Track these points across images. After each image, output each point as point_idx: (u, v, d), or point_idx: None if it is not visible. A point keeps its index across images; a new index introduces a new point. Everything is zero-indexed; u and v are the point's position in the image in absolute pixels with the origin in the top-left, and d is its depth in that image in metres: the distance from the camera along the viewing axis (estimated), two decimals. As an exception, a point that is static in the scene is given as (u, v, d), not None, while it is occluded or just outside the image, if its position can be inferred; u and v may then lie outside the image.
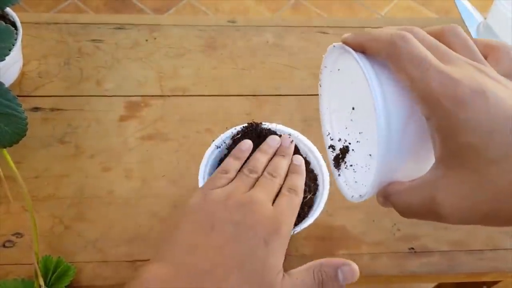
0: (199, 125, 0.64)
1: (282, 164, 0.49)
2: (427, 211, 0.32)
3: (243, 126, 0.56)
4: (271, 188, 0.46)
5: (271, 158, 0.51)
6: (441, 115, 0.30)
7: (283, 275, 0.41)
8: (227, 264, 0.40)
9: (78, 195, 0.57)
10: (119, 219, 0.56)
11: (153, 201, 0.57)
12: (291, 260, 0.54)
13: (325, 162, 0.55)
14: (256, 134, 0.55)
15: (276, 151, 0.51)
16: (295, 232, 0.50)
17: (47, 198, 0.57)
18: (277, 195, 0.46)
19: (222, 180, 0.47)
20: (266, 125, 0.56)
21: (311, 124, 0.64)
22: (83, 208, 0.56)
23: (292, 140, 0.52)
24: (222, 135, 0.55)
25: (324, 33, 0.74)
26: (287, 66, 0.70)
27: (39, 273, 0.48)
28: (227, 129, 0.57)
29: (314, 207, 0.52)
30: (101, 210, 0.56)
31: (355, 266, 0.41)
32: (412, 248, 0.56)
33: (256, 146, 0.55)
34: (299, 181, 0.49)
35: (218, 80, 0.68)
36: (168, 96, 0.66)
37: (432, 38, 0.33)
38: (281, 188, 0.47)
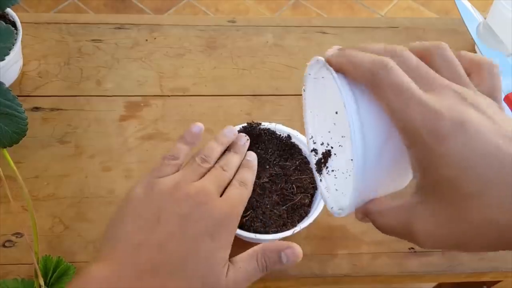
0: (199, 125, 0.64)
1: (234, 159, 0.49)
2: (403, 233, 0.33)
3: (242, 126, 0.56)
4: (222, 180, 0.46)
5: (225, 151, 0.50)
6: (421, 148, 0.30)
7: (228, 265, 0.41)
8: (171, 262, 0.39)
9: (78, 195, 0.57)
10: (119, 219, 0.56)
11: (153, 201, 0.57)
12: (291, 260, 0.54)
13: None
14: (255, 134, 0.55)
15: (230, 146, 0.51)
16: (294, 232, 0.50)
17: (47, 198, 0.57)
18: (225, 188, 0.46)
19: (170, 167, 0.46)
20: (266, 125, 0.56)
21: (311, 124, 0.64)
22: (83, 208, 0.56)
23: (248, 139, 0.52)
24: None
25: (324, 33, 0.74)
26: (287, 66, 0.70)
27: (39, 273, 0.48)
28: None
29: (314, 207, 0.52)
30: (101, 210, 0.56)
31: (297, 248, 0.43)
32: (412, 248, 0.56)
33: (255, 146, 0.55)
34: (250, 175, 0.49)
35: (218, 80, 0.68)
36: (168, 96, 0.66)
37: (415, 62, 0.32)
38: (231, 181, 0.47)
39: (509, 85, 0.61)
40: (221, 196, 0.44)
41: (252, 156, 0.51)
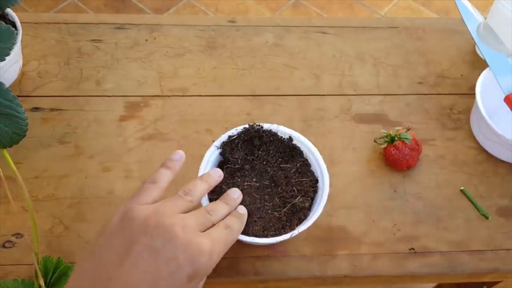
0: (199, 125, 0.64)
1: (223, 208, 0.47)
2: None
3: (244, 127, 0.55)
4: (204, 219, 0.43)
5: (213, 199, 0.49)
6: None
7: None
8: None
9: (78, 195, 0.57)
10: (119, 219, 0.55)
11: (153, 202, 0.57)
12: (291, 260, 0.54)
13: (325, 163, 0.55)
14: (257, 135, 0.55)
15: (222, 196, 0.49)
16: (293, 235, 0.50)
17: (47, 198, 0.57)
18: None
19: (149, 191, 0.44)
20: (268, 126, 0.56)
21: (311, 124, 0.64)
22: (83, 208, 0.56)
23: (241, 195, 0.50)
24: (223, 135, 0.55)
25: (324, 33, 0.74)
26: (287, 66, 0.70)
27: (39, 273, 0.48)
28: (227, 129, 0.57)
29: (313, 210, 0.52)
30: (101, 210, 0.56)
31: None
32: (412, 249, 0.56)
33: (256, 148, 0.55)
34: (238, 223, 0.46)
35: (218, 80, 0.68)
36: (168, 96, 0.66)
37: None
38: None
39: (509, 86, 0.61)
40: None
41: (243, 210, 0.48)
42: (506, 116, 0.62)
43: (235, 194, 0.49)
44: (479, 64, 0.71)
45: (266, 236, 0.49)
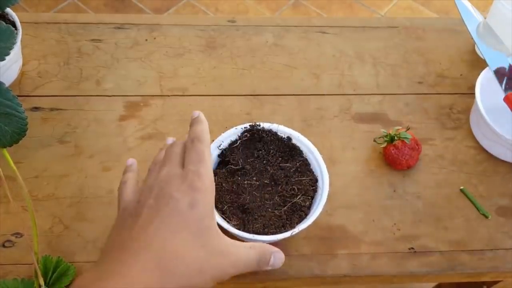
0: (199, 125, 0.64)
1: (176, 143, 0.48)
2: None
3: (244, 127, 0.56)
4: (172, 154, 0.45)
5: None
6: None
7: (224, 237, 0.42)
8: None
9: (78, 194, 0.57)
10: (119, 219, 0.56)
11: (153, 201, 0.57)
12: (291, 260, 0.54)
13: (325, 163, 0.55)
14: (257, 135, 0.55)
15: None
16: (293, 234, 0.50)
17: (46, 198, 0.57)
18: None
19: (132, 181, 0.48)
20: (267, 126, 0.56)
21: (311, 124, 0.64)
22: (82, 207, 0.56)
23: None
24: (223, 134, 0.55)
25: (324, 33, 0.74)
26: (287, 66, 0.70)
27: (39, 273, 0.48)
28: (226, 128, 0.57)
29: (313, 209, 0.52)
30: (100, 209, 0.56)
31: (283, 255, 0.45)
32: (412, 248, 0.56)
33: (256, 148, 0.55)
34: (199, 126, 0.46)
35: (218, 80, 0.68)
36: (168, 96, 0.66)
37: None
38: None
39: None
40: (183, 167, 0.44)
41: (197, 112, 0.48)
42: (505, 115, 0.62)
43: (168, 140, 0.51)
44: (479, 64, 0.71)
45: (266, 234, 0.50)
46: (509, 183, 0.61)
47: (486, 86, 0.63)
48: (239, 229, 0.50)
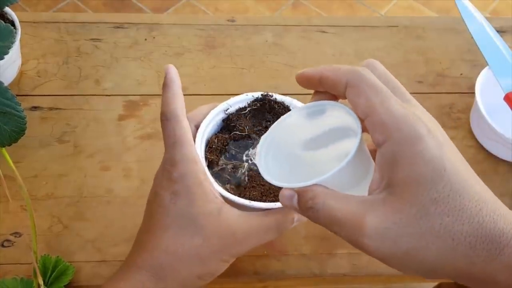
0: (199, 124, 0.63)
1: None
2: (350, 228, 0.32)
3: (256, 96, 0.53)
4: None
5: None
6: (397, 142, 0.31)
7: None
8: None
9: (77, 194, 0.57)
10: (118, 218, 0.55)
11: (152, 201, 0.57)
12: (290, 259, 0.54)
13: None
14: (268, 106, 0.53)
15: None
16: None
17: (46, 198, 0.57)
18: None
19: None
20: (280, 98, 0.53)
21: (310, 123, 0.64)
22: (82, 207, 0.56)
23: None
24: (232, 99, 0.52)
25: (323, 32, 0.74)
26: (287, 65, 0.70)
27: (38, 273, 0.48)
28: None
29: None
30: (100, 209, 0.56)
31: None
32: (412, 248, 0.56)
33: (266, 119, 0.53)
34: (164, 96, 0.47)
35: (217, 79, 0.68)
36: (167, 95, 0.66)
37: (391, 76, 0.36)
38: None
39: (509, 85, 0.61)
40: None
41: (167, 68, 0.48)
42: (506, 115, 0.62)
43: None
44: (479, 63, 0.71)
45: (264, 202, 0.47)
46: (509, 183, 0.61)
47: (486, 85, 0.63)
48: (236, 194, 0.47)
